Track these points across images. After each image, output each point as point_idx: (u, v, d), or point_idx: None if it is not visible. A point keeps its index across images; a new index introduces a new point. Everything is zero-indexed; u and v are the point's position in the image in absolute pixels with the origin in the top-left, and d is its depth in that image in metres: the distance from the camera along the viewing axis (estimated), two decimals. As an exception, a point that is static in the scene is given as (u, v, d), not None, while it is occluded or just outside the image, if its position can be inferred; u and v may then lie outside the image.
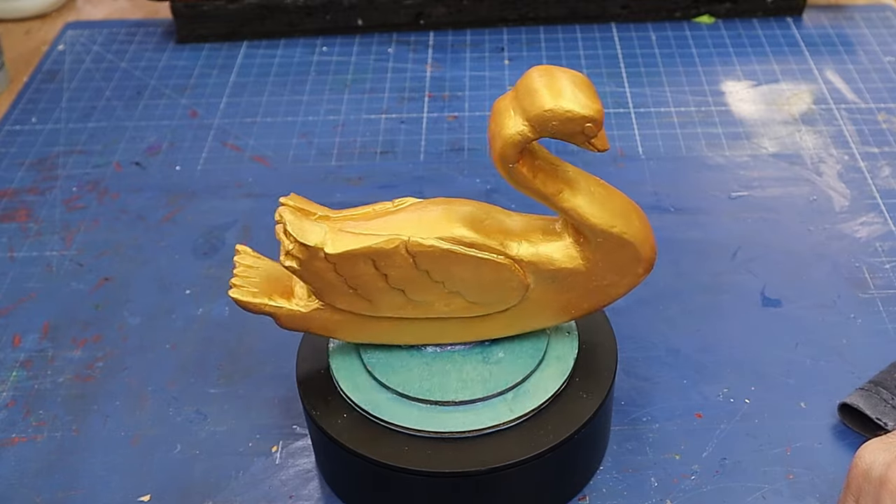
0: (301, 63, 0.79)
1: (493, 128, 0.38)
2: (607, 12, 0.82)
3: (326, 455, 0.44)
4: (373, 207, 0.42)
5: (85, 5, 0.91)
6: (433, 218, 0.40)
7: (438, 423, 0.41)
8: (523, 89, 0.37)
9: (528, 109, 0.36)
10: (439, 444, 0.41)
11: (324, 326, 0.42)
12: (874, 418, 0.45)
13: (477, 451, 0.41)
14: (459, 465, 0.40)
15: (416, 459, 0.41)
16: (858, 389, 0.47)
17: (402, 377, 0.42)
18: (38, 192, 0.66)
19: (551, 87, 0.36)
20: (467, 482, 0.41)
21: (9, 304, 0.57)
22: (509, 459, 0.40)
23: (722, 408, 0.48)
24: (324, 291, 0.41)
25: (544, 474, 0.42)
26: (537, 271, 0.40)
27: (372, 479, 0.42)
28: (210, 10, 0.81)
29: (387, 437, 0.41)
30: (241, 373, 0.52)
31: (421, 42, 0.81)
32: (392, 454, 0.41)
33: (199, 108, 0.74)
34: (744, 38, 0.80)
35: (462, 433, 0.41)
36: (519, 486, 0.42)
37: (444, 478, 0.41)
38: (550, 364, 0.44)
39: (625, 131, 0.69)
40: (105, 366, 0.52)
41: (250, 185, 0.65)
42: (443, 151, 0.68)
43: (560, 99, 0.35)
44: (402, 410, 0.42)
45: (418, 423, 0.41)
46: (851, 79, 0.74)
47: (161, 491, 0.46)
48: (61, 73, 0.80)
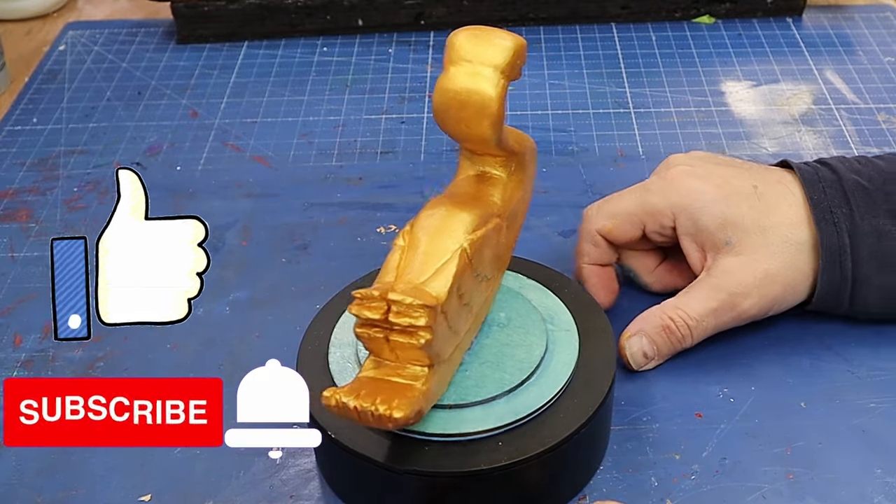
0: (301, 63, 0.79)
1: (462, 108, 0.37)
2: (607, 12, 0.82)
3: (327, 456, 0.44)
4: (395, 254, 0.40)
5: (86, 6, 0.91)
6: (443, 218, 0.39)
7: (439, 425, 0.41)
8: (464, 55, 0.36)
9: (495, 58, 0.36)
10: (440, 446, 0.41)
11: (437, 393, 0.40)
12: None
13: (476, 452, 0.41)
14: (459, 466, 0.40)
15: (416, 461, 0.41)
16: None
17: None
18: (39, 192, 0.66)
19: (487, 35, 0.36)
20: (466, 483, 0.41)
21: (9, 304, 0.57)
22: (509, 460, 0.40)
23: (722, 408, 0.48)
24: (441, 349, 0.38)
25: (544, 474, 0.42)
26: (510, 215, 0.42)
27: (371, 481, 0.42)
28: (211, 11, 0.81)
29: (387, 438, 0.41)
30: (242, 373, 0.51)
31: (421, 42, 0.81)
32: (392, 456, 0.41)
33: (200, 108, 0.74)
34: (744, 39, 0.80)
35: (462, 435, 0.41)
36: (518, 486, 0.42)
37: (444, 478, 0.41)
38: (550, 365, 0.44)
39: (625, 131, 0.69)
40: (105, 366, 0.52)
41: (251, 186, 0.66)
42: (443, 151, 0.68)
43: (508, 35, 0.36)
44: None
45: (419, 425, 0.41)
46: (851, 79, 0.74)
47: (161, 491, 0.46)
48: (62, 74, 0.80)
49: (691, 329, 0.49)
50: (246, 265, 0.58)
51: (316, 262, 0.59)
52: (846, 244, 0.48)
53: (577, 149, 0.68)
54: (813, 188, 0.49)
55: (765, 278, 0.48)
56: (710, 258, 0.49)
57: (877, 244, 0.48)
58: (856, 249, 0.48)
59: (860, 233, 0.48)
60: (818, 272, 0.48)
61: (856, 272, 0.48)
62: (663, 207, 0.50)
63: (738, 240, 0.49)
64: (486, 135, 0.38)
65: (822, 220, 0.48)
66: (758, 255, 0.48)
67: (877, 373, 0.49)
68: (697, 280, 0.50)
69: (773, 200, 0.49)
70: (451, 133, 0.39)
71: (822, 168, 0.51)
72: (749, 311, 0.49)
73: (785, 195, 0.50)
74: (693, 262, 0.50)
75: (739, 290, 0.48)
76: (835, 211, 0.48)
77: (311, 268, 0.58)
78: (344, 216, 0.62)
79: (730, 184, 0.50)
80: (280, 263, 0.58)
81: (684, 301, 0.49)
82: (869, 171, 0.50)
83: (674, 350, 0.49)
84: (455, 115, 0.38)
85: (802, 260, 0.49)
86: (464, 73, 0.37)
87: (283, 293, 0.56)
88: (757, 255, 0.48)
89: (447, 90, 0.37)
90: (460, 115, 0.38)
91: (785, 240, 0.49)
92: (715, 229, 0.49)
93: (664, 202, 0.50)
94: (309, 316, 0.49)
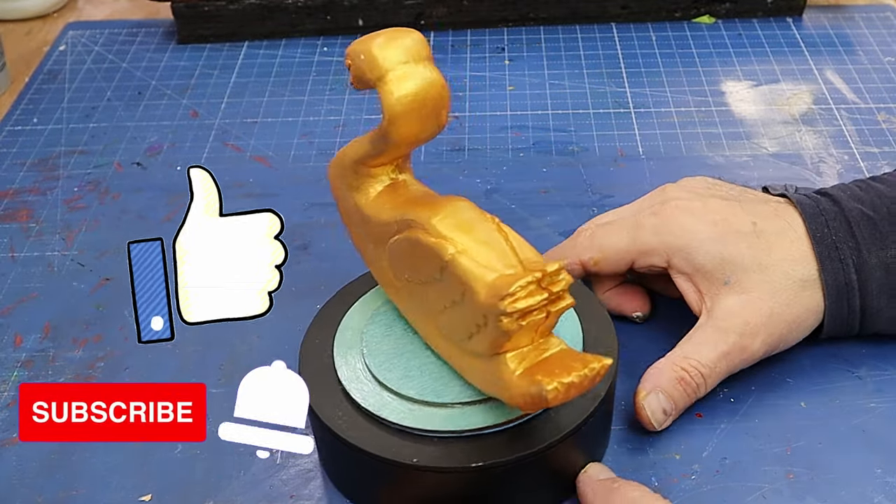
0: (302, 63, 0.79)
1: (437, 101, 0.38)
2: (607, 12, 0.82)
3: (330, 453, 0.44)
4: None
5: (86, 6, 0.91)
6: (456, 215, 0.40)
7: (441, 422, 0.41)
8: (398, 58, 0.38)
9: (422, 52, 0.38)
10: (442, 442, 0.41)
11: None
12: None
13: (478, 448, 0.41)
14: (459, 461, 0.40)
15: (418, 456, 0.41)
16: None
17: (404, 379, 0.43)
18: (40, 192, 0.66)
19: (399, 35, 0.38)
20: (464, 478, 0.41)
21: (10, 304, 0.57)
22: (511, 455, 0.41)
23: (722, 408, 0.48)
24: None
25: (544, 473, 0.42)
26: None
27: (374, 476, 0.43)
28: (211, 11, 0.81)
29: (387, 434, 0.42)
30: (242, 373, 0.51)
31: (421, 42, 0.81)
32: (392, 451, 0.41)
33: (200, 108, 0.74)
34: (744, 39, 0.80)
35: (463, 432, 0.41)
36: (520, 483, 0.42)
37: (445, 473, 0.41)
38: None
39: (625, 131, 0.69)
40: (106, 366, 0.52)
41: (251, 186, 0.66)
42: (443, 151, 0.68)
43: (408, 30, 0.38)
44: (404, 410, 0.42)
45: (420, 422, 0.41)
46: (851, 79, 0.74)
47: (162, 491, 0.46)
48: (62, 74, 0.80)
49: (705, 378, 0.46)
50: (246, 265, 0.58)
51: (316, 262, 0.59)
52: (853, 280, 0.47)
53: (577, 149, 0.68)
54: (815, 222, 0.48)
55: (770, 316, 0.46)
56: (709, 299, 0.48)
57: (885, 277, 0.47)
58: (864, 285, 0.47)
59: (868, 267, 0.47)
60: (826, 308, 0.47)
61: (864, 306, 0.47)
62: (656, 246, 0.49)
63: (738, 279, 0.47)
64: (443, 123, 0.39)
65: (826, 258, 0.47)
66: (761, 294, 0.47)
67: (877, 373, 0.50)
68: (700, 324, 0.48)
69: (773, 237, 0.48)
70: (420, 133, 0.39)
71: (823, 199, 0.49)
72: (759, 352, 0.47)
73: (786, 231, 0.48)
74: (691, 302, 0.49)
75: (747, 330, 0.46)
76: (840, 246, 0.47)
77: (311, 268, 0.58)
78: (344, 216, 0.62)
79: (727, 221, 0.48)
80: (280, 263, 0.59)
81: (693, 349, 0.47)
82: (871, 198, 0.48)
83: (690, 402, 0.47)
84: (433, 111, 0.38)
85: (808, 296, 0.47)
86: (417, 71, 0.37)
87: (283, 293, 0.56)
88: (760, 294, 0.47)
89: (429, 85, 0.37)
90: (438, 109, 0.38)
91: (787, 277, 0.47)
92: (712, 269, 0.47)
93: (657, 241, 0.48)
94: (309, 316, 0.49)
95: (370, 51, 0.37)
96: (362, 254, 0.46)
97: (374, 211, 0.42)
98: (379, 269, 0.45)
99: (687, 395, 0.46)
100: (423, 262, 0.40)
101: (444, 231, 0.39)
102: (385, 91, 0.37)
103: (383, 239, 0.42)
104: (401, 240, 0.41)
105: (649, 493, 0.41)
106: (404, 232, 0.41)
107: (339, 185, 0.44)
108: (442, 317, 0.41)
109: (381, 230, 0.42)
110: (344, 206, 0.45)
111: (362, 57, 0.37)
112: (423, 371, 0.43)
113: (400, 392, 0.42)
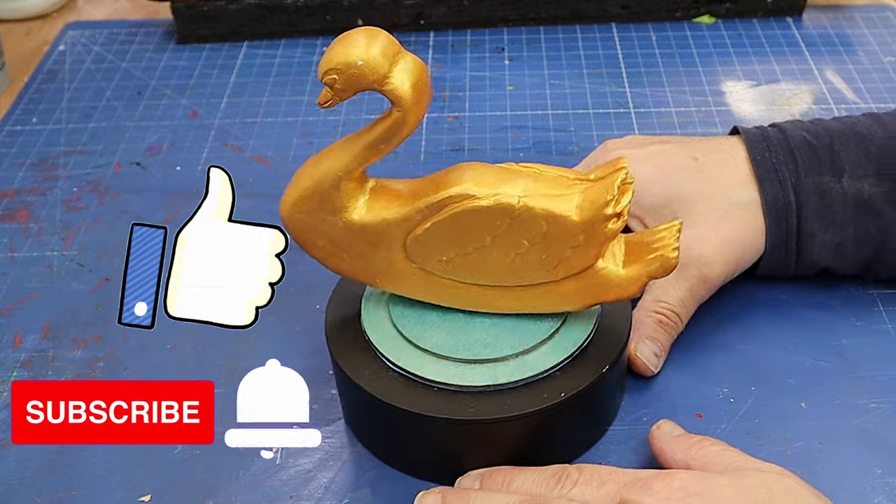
0: (301, 63, 0.79)
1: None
2: (607, 12, 0.82)
3: (352, 406, 0.46)
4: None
5: (85, 6, 0.91)
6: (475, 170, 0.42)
7: (462, 377, 0.43)
8: (387, 51, 0.39)
9: (395, 43, 0.39)
10: (461, 396, 0.43)
11: None
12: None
13: (492, 403, 0.43)
14: (470, 414, 0.42)
15: (439, 408, 0.43)
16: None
17: (432, 337, 0.44)
18: (39, 192, 0.66)
19: (375, 33, 0.39)
20: (468, 430, 0.43)
21: (9, 304, 0.57)
22: (526, 409, 0.42)
23: (722, 408, 0.48)
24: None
25: (556, 426, 0.44)
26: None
27: (392, 426, 0.44)
28: (210, 11, 0.81)
29: (411, 386, 0.43)
30: (242, 373, 0.51)
31: (421, 42, 0.81)
32: (413, 402, 0.43)
33: (200, 108, 0.74)
34: (744, 38, 0.80)
35: (479, 387, 0.43)
36: (535, 436, 0.44)
37: (460, 426, 0.43)
38: (564, 334, 0.45)
39: (625, 131, 0.69)
40: (106, 366, 0.52)
41: (251, 186, 0.65)
42: (443, 151, 0.68)
43: (372, 31, 0.39)
44: (429, 365, 0.44)
45: (444, 376, 0.43)
46: (851, 79, 0.74)
47: (161, 491, 0.46)
48: (62, 74, 0.80)
49: (679, 315, 0.49)
50: (246, 265, 0.58)
51: (316, 262, 0.58)
52: (791, 201, 0.49)
53: (577, 149, 0.68)
54: (756, 147, 0.50)
55: (722, 243, 0.49)
56: None
57: (819, 202, 0.49)
58: (801, 206, 0.49)
59: (805, 189, 0.49)
60: (766, 226, 0.49)
61: (800, 227, 0.49)
62: None
63: (686, 213, 0.49)
64: (433, 93, 0.42)
65: (766, 179, 0.49)
66: (710, 224, 0.49)
67: (877, 373, 0.49)
68: None
69: (714, 167, 0.50)
70: (426, 109, 0.40)
71: (770, 129, 0.51)
72: (719, 278, 0.49)
73: (726, 160, 0.50)
74: None
75: (703, 261, 0.49)
76: (780, 168, 0.49)
77: (311, 268, 0.58)
78: (344, 216, 0.62)
79: (669, 160, 0.51)
80: (280, 263, 0.58)
81: (660, 292, 0.49)
82: (818, 130, 0.51)
83: (672, 339, 0.50)
84: (428, 86, 0.40)
85: (752, 216, 0.49)
86: (407, 59, 0.39)
87: (283, 293, 0.56)
88: (709, 224, 0.49)
89: (421, 67, 0.39)
90: (429, 83, 0.40)
91: (731, 201, 0.49)
92: (660, 208, 0.50)
93: None
94: (309, 316, 0.49)
95: (367, 56, 0.38)
96: (356, 274, 0.46)
97: (375, 217, 0.42)
98: (393, 274, 0.45)
99: (668, 334, 0.49)
100: (474, 230, 0.41)
101: (491, 189, 0.40)
102: (394, 86, 0.38)
103: (397, 238, 0.43)
104: (438, 223, 0.41)
105: (729, 448, 0.42)
106: (440, 213, 0.41)
107: (312, 220, 0.43)
108: (512, 267, 0.42)
109: (393, 231, 0.42)
110: (325, 237, 0.44)
111: (359, 63, 0.38)
112: (448, 329, 0.45)
113: (425, 348, 0.44)
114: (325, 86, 0.39)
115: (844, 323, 0.52)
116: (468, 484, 0.43)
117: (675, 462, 0.42)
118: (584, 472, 0.40)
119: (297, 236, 0.44)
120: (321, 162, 0.42)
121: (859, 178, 0.49)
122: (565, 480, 0.40)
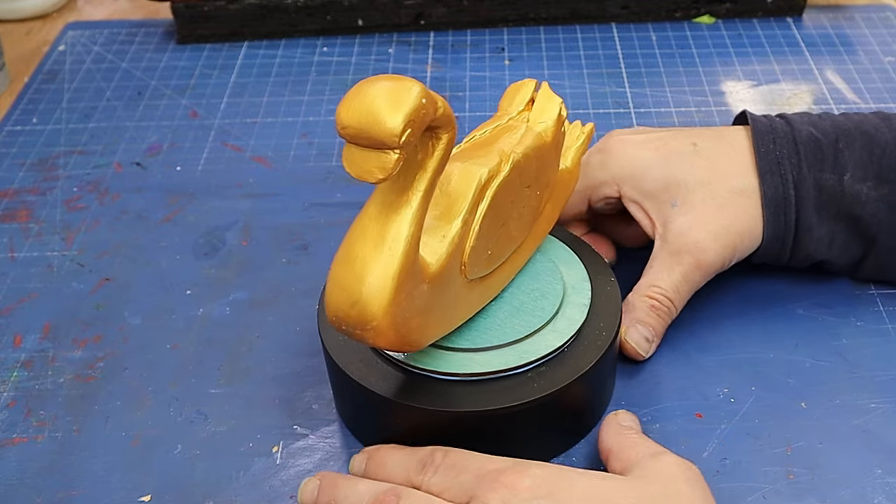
0: (302, 63, 0.79)
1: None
2: (607, 12, 0.82)
3: (343, 395, 0.47)
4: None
5: (85, 6, 0.91)
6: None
7: (454, 365, 0.43)
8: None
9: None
10: (453, 386, 0.43)
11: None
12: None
13: (481, 393, 0.43)
14: (463, 405, 0.43)
15: (430, 399, 0.43)
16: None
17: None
18: (39, 192, 0.66)
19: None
20: (459, 419, 0.43)
21: (9, 304, 0.57)
22: (521, 400, 0.43)
23: (722, 408, 0.48)
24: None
25: (547, 418, 0.44)
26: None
27: (384, 417, 0.44)
28: (210, 11, 0.81)
29: (405, 377, 0.44)
30: (242, 373, 0.52)
31: (421, 42, 0.81)
32: (406, 393, 0.43)
33: (200, 108, 0.74)
34: (744, 38, 0.80)
35: (471, 375, 0.43)
36: (526, 427, 0.44)
37: (450, 415, 0.43)
38: (559, 320, 0.46)
39: (625, 131, 0.69)
40: (106, 366, 0.52)
41: (251, 186, 0.66)
42: (443, 152, 0.68)
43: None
44: (424, 355, 0.44)
45: (438, 365, 0.43)
46: (851, 79, 0.74)
47: (161, 491, 0.46)
48: (62, 74, 0.80)
49: (673, 300, 0.49)
50: (246, 265, 0.58)
51: (316, 262, 0.59)
52: (791, 195, 0.49)
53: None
54: (763, 139, 0.50)
55: (718, 230, 0.49)
56: (660, 224, 0.50)
57: (818, 197, 0.49)
58: (800, 200, 0.49)
59: (805, 185, 0.49)
60: (764, 218, 0.49)
61: (798, 221, 0.49)
62: (606, 179, 0.51)
63: (684, 199, 0.49)
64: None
65: (767, 171, 0.49)
66: (707, 210, 0.49)
67: (877, 373, 0.50)
68: (656, 251, 0.50)
69: (714, 154, 0.50)
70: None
71: (779, 120, 0.51)
72: (714, 265, 0.49)
73: (725, 148, 0.50)
74: (645, 228, 0.51)
75: (699, 248, 0.49)
76: (783, 162, 0.49)
77: (311, 268, 0.58)
78: (344, 216, 0.62)
79: (668, 146, 0.51)
80: (280, 263, 0.59)
81: (655, 277, 0.49)
82: (825, 126, 0.51)
83: (666, 324, 0.50)
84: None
85: (752, 205, 0.49)
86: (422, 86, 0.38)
87: (283, 293, 0.56)
88: (706, 210, 0.49)
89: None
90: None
91: (730, 189, 0.49)
92: (659, 192, 0.50)
93: (606, 174, 0.51)
94: (309, 316, 0.49)
95: (434, 99, 0.34)
96: (435, 337, 0.43)
97: (438, 258, 0.40)
98: (454, 305, 0.43)
99: (662, 319, 0.49)
100: (503, 204, 0.43)
101: (491, 159, 0.42)
102: (442, 105, 0.35)
103: (456, 263, 0.41)
104: (483, 218, 0.41)
105: (667, 454, 0.41)
106: (479, 208, 0.41)
107: (410, 305, 0.38)
108: (522, 221, 0.45)
109: (454, 259, 0.40)
110: (417, 312, 0.39)
111: (439, 105, 0.34)
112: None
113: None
114: (394, 150, 0.32)
115: (844, 323, 0.52)
116: (359, 460, 0.44)
117: (601, 449, 0.43)
118: (448, 457, 0.41)
119: (400, 336, 0.39)
120: (384, 241, 0.36)
121: (860, 180, 0.49)
122: (429, 466, 0.41)
